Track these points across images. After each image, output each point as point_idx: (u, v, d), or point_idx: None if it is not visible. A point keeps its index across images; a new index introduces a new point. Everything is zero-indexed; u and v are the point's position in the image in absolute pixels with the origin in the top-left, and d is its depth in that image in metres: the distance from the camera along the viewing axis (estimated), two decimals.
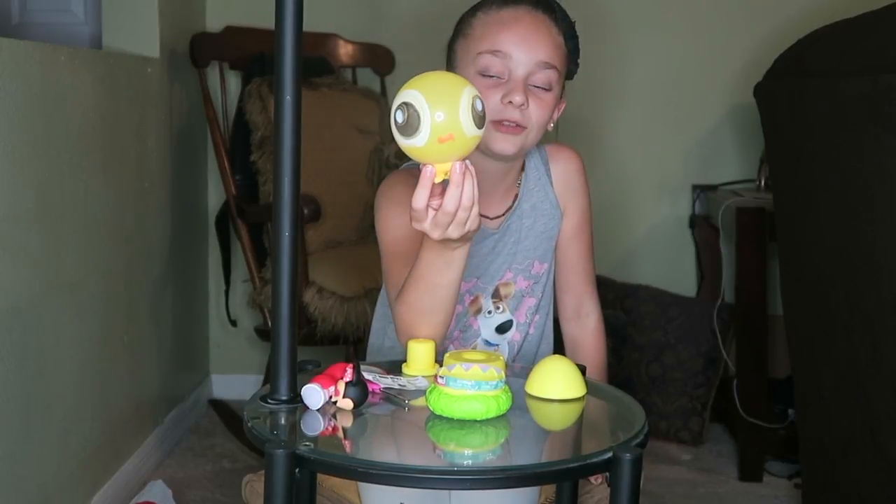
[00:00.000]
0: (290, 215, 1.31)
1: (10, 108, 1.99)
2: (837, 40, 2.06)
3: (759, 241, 2.91)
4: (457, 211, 1.27)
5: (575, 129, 3.49)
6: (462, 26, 1.60)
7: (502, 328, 1.69)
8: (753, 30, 3.41)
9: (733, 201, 3.02)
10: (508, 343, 1.70)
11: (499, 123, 1.52)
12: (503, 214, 1.68)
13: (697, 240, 3.48)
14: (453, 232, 1.29)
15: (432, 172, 1.26)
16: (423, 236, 1.36)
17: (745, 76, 3.19)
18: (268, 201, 2.96)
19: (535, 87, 1.54)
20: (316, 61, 3.20)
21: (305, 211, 2.69)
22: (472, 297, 1.68)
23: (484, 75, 1.53)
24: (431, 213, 1.29)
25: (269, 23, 1.33)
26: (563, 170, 1.71)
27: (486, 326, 1.69)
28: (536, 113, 1.53)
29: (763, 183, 3.20)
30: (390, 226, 1.56)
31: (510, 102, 1.51)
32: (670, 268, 3.52)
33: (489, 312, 1.69)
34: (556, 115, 1.60)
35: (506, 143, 1.53)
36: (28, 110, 2.08)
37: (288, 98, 1.29)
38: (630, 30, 3.48)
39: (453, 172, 1.26)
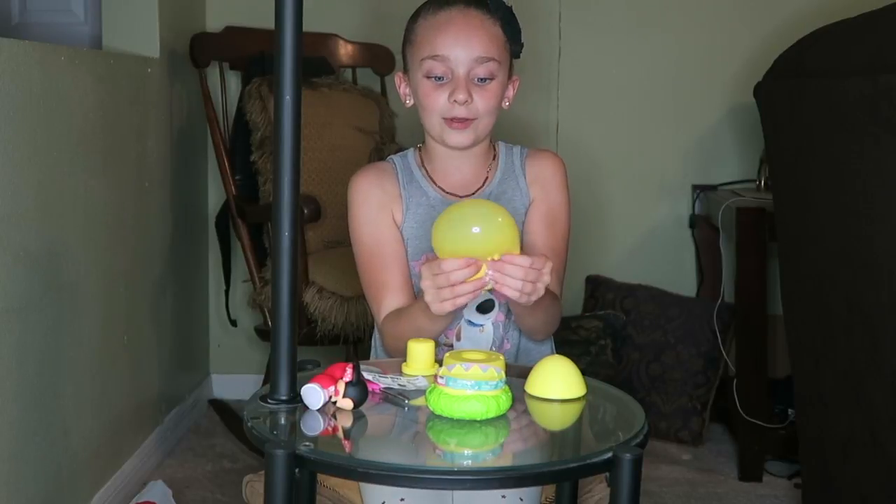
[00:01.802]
0: (290, 215, 1.31)
1: (10, 108, 1.99)
2: (837, 40, 2.06)
3: (759, 241, 2.91)
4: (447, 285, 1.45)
5: (575, 129, 3.49)
6: (407, 33, 1.73)
7: (483, 307, 1.71)
8: (753, 30, 3.41)
9: (733, 201, 3.02)
10: (493, 324, 1.72)
11: (450, 120, 1.67)
12: (473, 194, 1.75)
13: (697, 240, 3.48)
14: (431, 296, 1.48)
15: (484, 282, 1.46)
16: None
17: (745, 76, 3.19)
18: (268, 201, 2.95)
19: (478, 79, 1.66)
20: (316, 61, 3.20)
21: (305, 211, 2.69)
22: None
23: (429, 77, 1.67)
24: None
25: (269, 23, 1.33)
26: (538, 166, 1.79)
27: (467, 307, 1.70)
28: (482, 103, 1.67)
29: (763, 183, 3.20)
30: (365, 230, 1.73)
31: (455, 101, 1.65)
32: (670, 268, 3.52)
33: None
34: (510, 94, 1.74)
35: (459, 137, 1.68)
36: (28, 110, 2.08)
37: (288, 98, 1.29)
38: (630, 29, 3.48)
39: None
